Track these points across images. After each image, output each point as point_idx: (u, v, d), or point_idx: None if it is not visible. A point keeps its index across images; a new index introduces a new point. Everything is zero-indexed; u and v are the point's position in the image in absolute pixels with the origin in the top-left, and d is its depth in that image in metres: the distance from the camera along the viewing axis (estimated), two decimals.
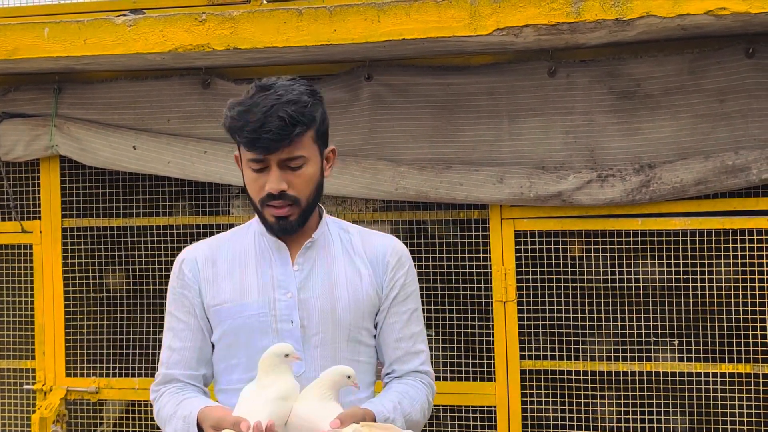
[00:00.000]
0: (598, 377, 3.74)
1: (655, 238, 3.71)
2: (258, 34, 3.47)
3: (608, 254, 3.76)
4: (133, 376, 4.09)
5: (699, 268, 3.66)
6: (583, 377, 3.75)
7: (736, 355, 3.63)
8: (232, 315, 2.21)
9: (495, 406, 3.77)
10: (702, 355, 3.68)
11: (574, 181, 3.59)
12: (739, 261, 3.65)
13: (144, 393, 3.98)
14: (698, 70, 3.57)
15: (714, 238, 3.61)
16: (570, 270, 3.80)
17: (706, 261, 3.65)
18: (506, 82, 3.72)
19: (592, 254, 3.82)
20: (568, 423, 3.80)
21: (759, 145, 3.50)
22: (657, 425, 3.81)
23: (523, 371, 3.76)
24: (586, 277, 3.83)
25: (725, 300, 3.68)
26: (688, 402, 3.74)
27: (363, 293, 2.24)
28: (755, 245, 3.58)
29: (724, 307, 3.68)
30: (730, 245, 3.60)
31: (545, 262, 3.78)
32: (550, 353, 3.85)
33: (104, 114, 4.04)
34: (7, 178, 4.17)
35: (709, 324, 3.68)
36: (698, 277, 3.67)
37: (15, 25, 3.69)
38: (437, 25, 3.34)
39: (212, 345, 2.28)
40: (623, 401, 3.83)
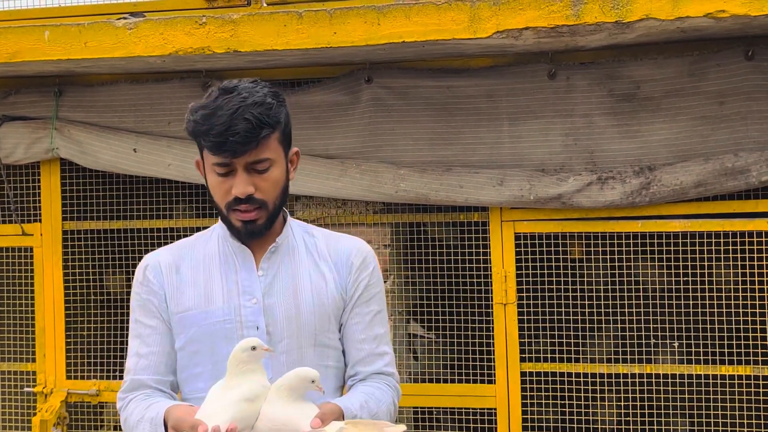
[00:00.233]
0: (598, 379, 3.75)
1: (655, 240, 3.72)
2: (258, 37, 3.47)
3: (608, 256, 3.76)
4: None
5: (699, 270, 3.67)
6: (583, 379, 3.75)
7: (736, 357, 3.63)
8: (197, 322, 2.15)
9: (495, 409, 3.78)
10: (702, 357, 3.68)
11: (574, 183, 3.59)
12: (738, 263, 3.66)
13: None
14: (698, 73, 3.58)
15: (714, 240, 3.61)
16: (570, 272, 3.80)
17: (706, 263, 3.65)
18: (506, 84, 3.72)
19: (592, 256, 3.83)
20: (568, 425, 3.80)
21: (758, 147, 3.51)
22: (657, 427, 3.81)
23: (523, 373, 3.76)
24: (586, 279, 3.83)
25: (725, 302, 3.68)
26: (689, 404, 3.74)
27: (328, 297, 2.20)
28: (755, 247, 3.58)
29: (724, 309, 3.69)
30: (730, 247, 3.60)
31: (545, 264, 3.78)
32: (550, 355, 3.85)
33: (105, 117, 4.04)
34: (7, 180, 4.17)
35: (709, 326, 3.68)
36: (698, 279, 3.67)
37: (16, 28, 3.69)
38: (437, 27, 3.34)
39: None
40: (623, 403, 3.84)
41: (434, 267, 3.96)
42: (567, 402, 3.78)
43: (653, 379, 3.76)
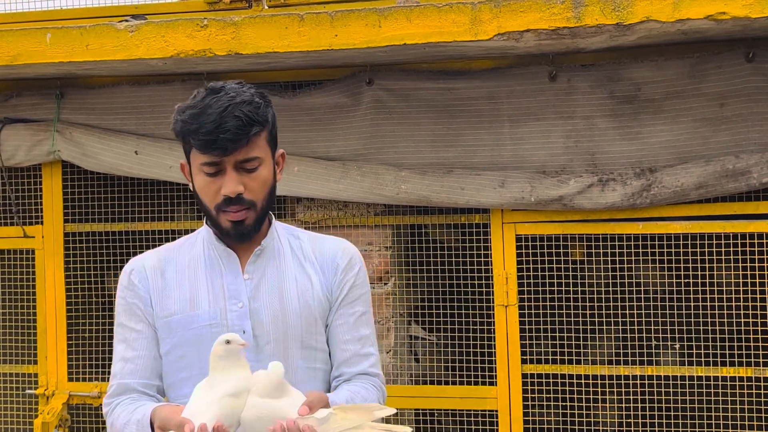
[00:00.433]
0: (599, 381, 3.75)
1: (656, 242, 3.72)
2: (259, 40, 3.48)
3: (609, 258, 3.76)
4: None
5: (700, 272, 3.67)
6: (584, 381, 3.75)
7: (737, 359, 3.63)
8: (183, 326, 2.14)
9: (496, 411, 3.78)
10: (703, 359, 3.68)
11: (575, 185, 3.59)
12: (740, 265, 3.66)
13: None
14: (698, 75, 3.58)
15: (715, 241, 3.61)
16: (571, 274, 3.81)
17: (707, 265, 3.66)
18: (507, 86, 3.73)
19: (593, 258, 3.83)
20: (569, 427, 3.80)
21: (759, 149, 3.51)
22: (659, 429, 3.81)
23: (524, 375, 3.76)
24: (587, 281, 3.84)
25: (726, 303, 3.68)
26: (690, 405, 3.74)
27: (314, 299, 2.19)
28: (756, 249, 3.59)
29: (725, 311, 3.69)
30: (731, 249, 3.61)
31: (546, 266, 3.78)
32: (551, 357, 3.85)
33: (106, 119, 4.05)
34: (9, 183, 4.18)
35: (710, 328, 3.69)
36: (699, 280, 3.67)
37: (17, 30, 3.70)
38: (438, 30, 3.34)
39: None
40: (625, 405, 3.84)
41: (435, 269, 3.96)
42: (568, 404, 3.78)
43: (654, 381, 3.76)
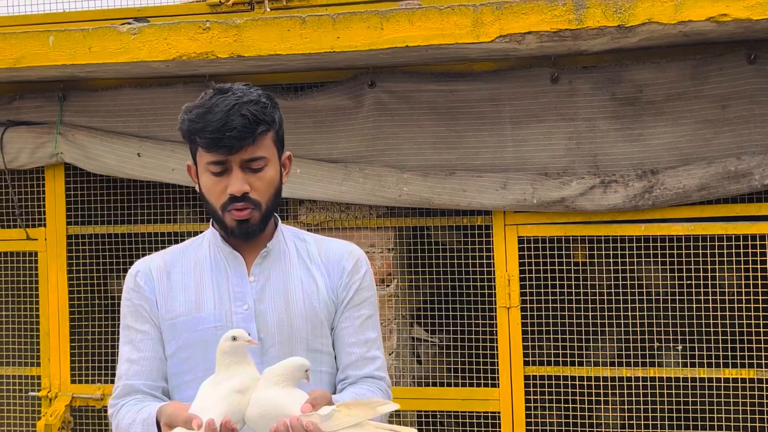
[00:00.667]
0: (602, 383, 3.75)
1: (658, 244, 3.72)
2: (261, 42, 3.48)
3: (611, 260, 3.76)
4: None
5: (702, 274, 3.67)
6: (587, 383, 3.75)
7: (739, 360, 3.63)
8: (188, 328, 2.14)
9: (499, 412, 3.78)
10: (706, 361, 3.68)
11: (577, 187, 3.60)
12: (742, 266, 3.66)
13: None
14: (700, 76, 3.58)
15: (717, 243, 3.62)
16: (573, 276, 3.81)
17: (709, 266, 3.66)
18: (509, 88, 3.73)
19: (596, 260, 3.83)
20: (572, 428, 3.81)
21: (761, 150, 3.51)
22: (661, 430, 3.81)
23: (527, 377, 3.76)
24: (589, 282, 3.84)
25: (728, 305, 3.68)
26: (692, 407, 3.74)
27: (319, 301, 2.18)
28: (758, 250, 3.59)
29: (727, 313, 3.69)
30: (733, 250, 3.61)
31: (549, 267, 3.79)
32: (553, 359, 3.85)
33: (109, 121, 4.05)
34: (12, 185, 4.18)
35: (712, 329, 3.68)
36: (701, 282, 3.67)
37: (20, 33, 3.70)
38: (440, 32, 3.35)
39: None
40: (627, 406, 3.84)
41: (437, 270, 3.96)
42: (570, 405, 3.79)
43: (656, 383, 3.76)
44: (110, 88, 4.07)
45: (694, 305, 3.72)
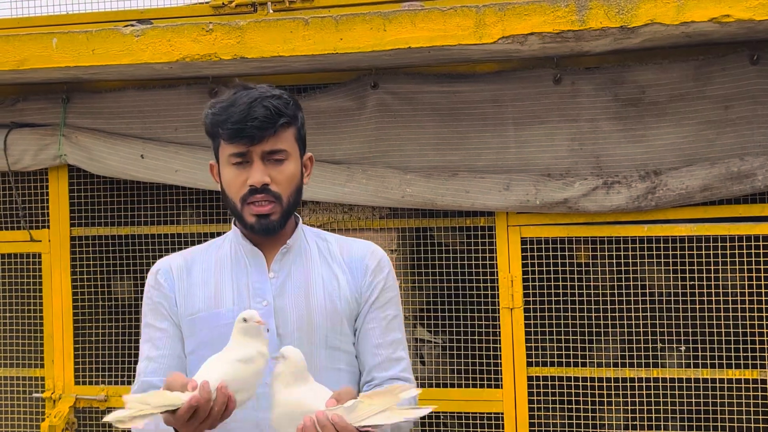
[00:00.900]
0: (605, 383, 3.75)
1: (661, 245, 3.72)
2: (264, 44, 3.49)
3: (614, 261, 3.76)
4: None
5: (705, 274, 3.67)
6: (590, 383, 3.75)
7: (742, 361, 3.63)
8: (207, 324, 2.15)
9: (502, 413, 3.78)
10: (709, 361, 3.68)
11: (579, 188, 3.60)
12: (745, 267, 3.66)
13: None
14: (703, 77, 3.58)
15: (720, 244, 3.62)
16: (576, 276, 3.80)
17: (712, 267, 3.66)
18: (512, 89, 3.73)
19: (599, 261, 3.83)
20: (575, 429, 3.80)
21: (764, 151, 3.51)
22: (664, 431, 3.81)
23: (530, 378, 3.76)
24: (592, 283, 3.84)
25: (731, 306, 3.68)
26: (695, 408, 3.74)
27: (341, 299, 2.18)
28: (761, 251, 3.58)
29: (731, 313, 3.69)
30: (736, 251, 3.61)
31: (551, 268, 3.79)
32: (557, 359, 3.85)
33: (112, 123, 4.06)
34: (15, 187, 4.19)
35: (715, 330, 3.68)
36: (704, 283, 3.67)
37: (24, 35, 3.71)
38: (443, 33, 3.35)
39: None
40: (630, 407, 3.84)
41: (440, 272, 3.96)
42: (574, 406, 3.78)
43: (660, 383, 3.76)
44: (113, 90, 4.07)
45: (698, 306, 3.71)
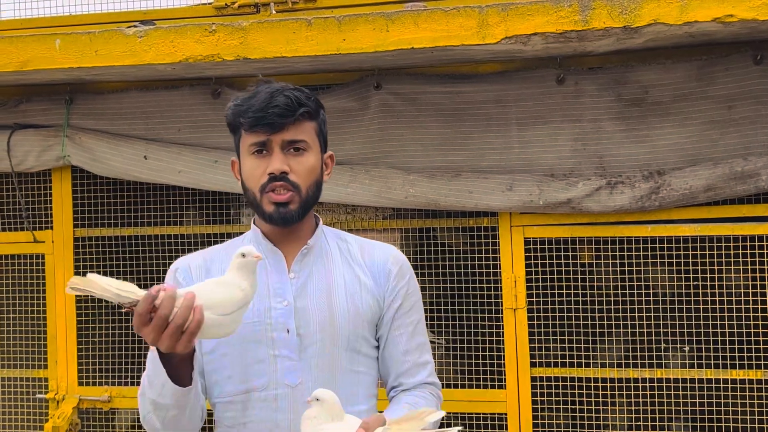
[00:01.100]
0: (608, 384, 3.75)
1: (665, 245, 3.72)
2: (267, 44, 3.49)
3: (618, 261, 3.76)
4: None
5: (709, 275, 3.66)
6: (593, 384, 3.75)
7: (747, 362, 3.63)
8: None
9: (506, 414, 3.78)
10: (713, 362, 3.67)
11: (583, 188, 3.59)
12: (749, 267, 3.65)
13: None
14: (706, 77, 3.58)
15: (724, 244, 3.61)
16: (580, 277, 3.80)
17: (716, 267, 3.65)
18: (515, 90, 3.73)
19: (602, 261, 3.83)
20: (579, 430, 3.80)
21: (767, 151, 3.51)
22: None
23: (533, 378, 3.76)
24: (596, 283, 3.83)
25: (735, 306, 3.68)
26: (699, 408, 3.73)
27: (363, 302, 2.18)
28: (765, 251, 3.58)
29: (735, 314, 3.68)
30: (740, 251, 3.60)
31: (555, 269, 3.78)
32: (560, 360, 3.85)
33: (115, 124, 4.06)
34: (19, 188, 4.20)
35: (719, 330, 3.68)
36: (708, 283, 3.67)
37: (27, 36, 3.72)
38: (446, 33, 3.35)
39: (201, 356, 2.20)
40: (634, 408, 3.83)
41: (444, 272, 3.96)
42: (577, 407, 3.78)
43: (664, 384, 3.76)
44: (116, 91, 4.07)
45: (702, 306, 3.71)
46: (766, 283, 3.62)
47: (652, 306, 3.84)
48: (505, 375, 3.78)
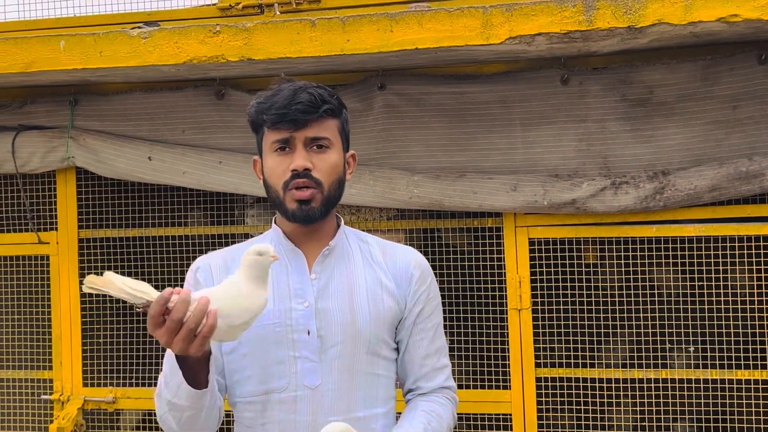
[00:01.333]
0: (613, 384, 3.74)
1: (670, 245, 3.71)
2: (271, 45, 3.49)
3: (622, 261, 3.76)
4: (150, 385, 4.11)
5: (714, 275, 3.66)
6: (598, 384, 3.75)
7: (751, 362, 3.62)
8: None
9: (510, 414, 3.77)
10: (718, 362, 3.67)
11: (587, 188, 3.59)
12: (753, 267, 3.65)
13: None
14: (711, 77, 3.57)
15: (728, 244, 3.61)
16: (584, 277, 3.80)
17: (721, 267, 3.65)
18: (519, 90, 3.73)
19: (607, 261, 3.83)
20: (583, 430, 3.80)
21: None
22: None
23: (538, 379, 3.76)
24: (600, 284, 3.83)
25: (740, 306, 3.67)
26: (704, 409, 3.73)
27: (384, 304, 2.17)
28: None
29: (740, 314, 3.68)
30: (745, 251, 3.60)
31: (559, 269, 3.78)
32: (565, 360, 3.85)
33: (120, 125, 4.07)
34: (23, 189, 4.20)
35: (724, 330, 3.67)
36: (713, 283, 3.67)
37: (31, 38, 3.72)
38: (450, 34, 3.35)
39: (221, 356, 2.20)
40: (638, 408, 3.83)
41: (448, 273, 3.96)
42: (582, 407, 3.78)
43: (668, 384, 3.75)
44: (121, 92, 4.08)
45: (706, 306, 3.70)
46: None
47: (657, 306, 3.83)
48: (509, 375, 3.78)
